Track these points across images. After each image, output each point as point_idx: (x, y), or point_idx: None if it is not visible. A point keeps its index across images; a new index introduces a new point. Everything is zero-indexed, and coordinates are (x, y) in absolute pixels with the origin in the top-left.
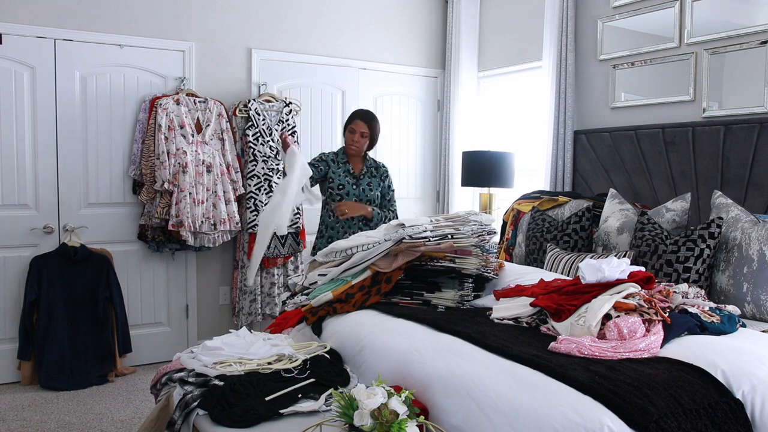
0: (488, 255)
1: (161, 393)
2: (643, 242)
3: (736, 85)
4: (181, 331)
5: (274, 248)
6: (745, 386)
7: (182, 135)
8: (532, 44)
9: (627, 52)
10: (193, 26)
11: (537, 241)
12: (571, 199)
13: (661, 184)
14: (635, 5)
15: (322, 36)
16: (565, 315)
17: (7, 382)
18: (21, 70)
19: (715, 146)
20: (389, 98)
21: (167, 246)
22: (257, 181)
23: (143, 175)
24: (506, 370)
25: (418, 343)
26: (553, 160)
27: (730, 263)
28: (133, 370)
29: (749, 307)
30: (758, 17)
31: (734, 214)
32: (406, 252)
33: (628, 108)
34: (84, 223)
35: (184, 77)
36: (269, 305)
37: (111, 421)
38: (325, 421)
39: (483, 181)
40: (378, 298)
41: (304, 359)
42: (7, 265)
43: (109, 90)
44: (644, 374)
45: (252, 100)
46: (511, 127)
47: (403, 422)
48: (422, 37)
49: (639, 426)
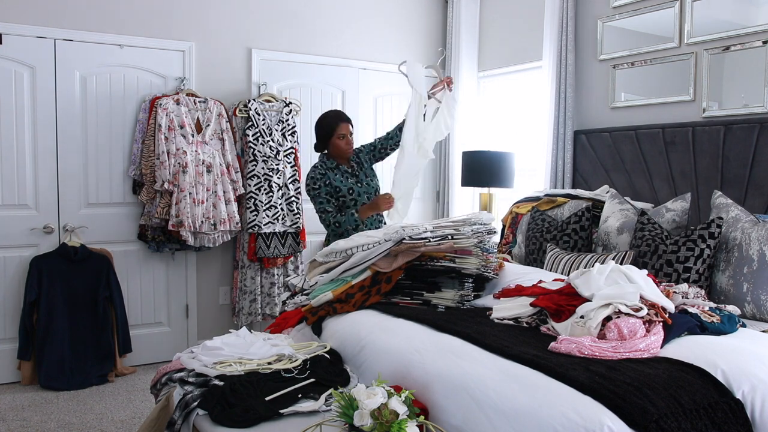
0: (488, 255)
1: (161, 393)
2: (643, 242)
3: (736, 85)
4: (181, 331)
5: (274, 248)
6: (745, 386)
7: (182, 135)
8: (532, 44)
9: (627, 52)
10: (193, 26)
11: (537, 242)
12: (569, 199)
13: (661, 184)
14: (635, 5)
15: (322, 36)
16: (565, 315)
17: (7, 382)
18: (21, 70)
19: (715, 146)
20: (389, 98)
21: (167, 246)
22: (257, 181)
23: (143, 175)
24: (506, 370)
25: (418, 343)
26: (553, 160)
27: (730, 263)
28: (133, 370)
29: (749, 307)
30: (758, 17)
31: (734, 214)
32: (406, 252)
33: (628, 108)
34: (84, 223)
35: (184, 77)
36: (269, 305)
37: (111, 421)
38: (325, 421)
39: (483, 181)
40: (378, 298)
41: (304, 359)
42: (7, 265)
43: (109, 90)
44: (644, 374)
45: (252, 100)
46: (511, 127)
47: (403, 422)
48: (422, 37)
49: (639, 426)
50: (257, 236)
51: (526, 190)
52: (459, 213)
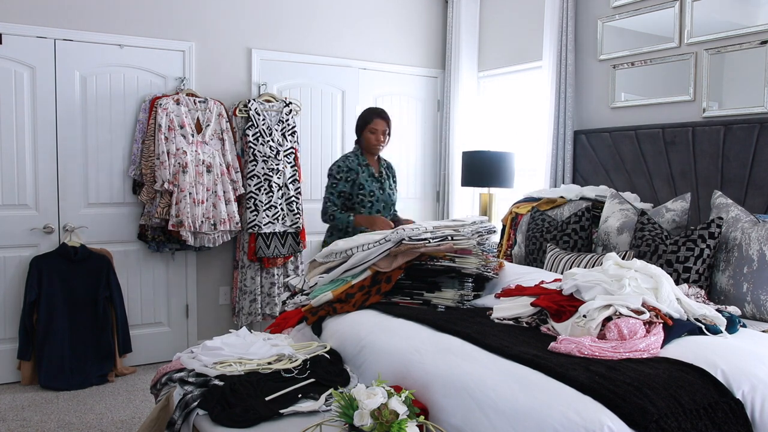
0: (488, 254)
1: (161, 393)
2: (643, 242)
3: (736, 85)
4: (181, 331)
5: (274, 248)
6: (745, 386)
7: (182, 135)
8: (532, 44)
9: (627, 52)
10: (193, 26)
11: (537, 242)
12: (569, 200)
13: (661, 184)
14: (635, 5)
15: (322, 36)
16: (565, 316)
17: (7, 382)
18: (21, 70)
19: (715, 146)
20: (389, 98)
21: (167, 246)
22: (257, 181)
23: (143, 175)
24: (506, 370)
25: (418, 343)
26: (553, 160)
27: (730, 263)
28: (133, 370)
29: (749, 307)
30: (758, 17)
31: (734, 214)
32: (405, 252)
33: (628, 108)
34: (84, 223)
35: (184, 77)
36: (269, 305)
37: (111, 421)
38: (325, 421)
39: (483, 181)
40: (378, 298)
41: (304, 359)
42: (7, 265)
43: (109, 90)
44: (644, 374)
45: (252, 100)
46: (511, 127)
47: (403, 422)
48: (422, 37)
49: (639, 426)
50: (257, 236)
51: (526, 191)
52: (459, 213)
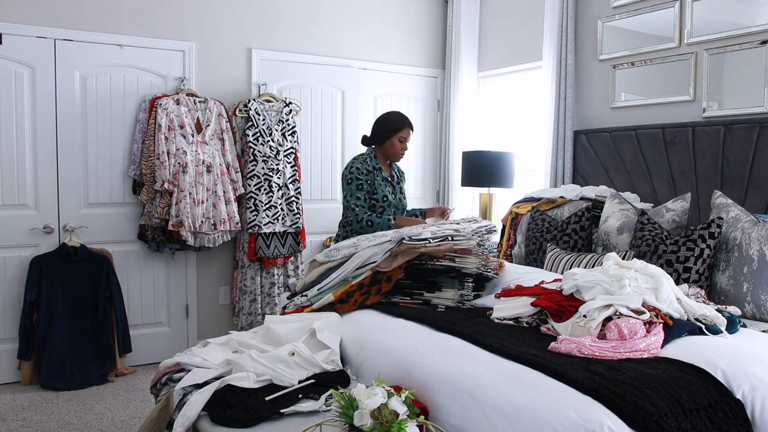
0: (488, 254)
1: (161, 393)
2: (643, 242)
3: (736, 85)
4: (181, 331)
5: (274, 248)
6: (745, 386)
7: (182, 135)
8: (532, 44)
9: (627, 52)
10: (193, 26)
11: (537, 242)
12: (569, 200)
13: (661, 184)
14: (635, 5)
15: (322, 36)
16: (565, 316)
17: (7, 382)
18: (21, 70)
19: (715, 146)
20: (389, 98)
21: (167, 246)
22: (257, 181)
23: (143, 175)
24: (506, 370)
25: (418, 343)
26: (553, 160)
27: (730, 263)
28: (133, 370)
29: (749, 307)
30: (758, 17)
31: (734, 214)
32: (405, 252)
33: (628, 108)
34: (84, 223)
35: (184, 77)
36: (269, 305)
37: (111, 421)
38: (325, 421)
39: (483, 181)
40: (378, 298)
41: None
42: (7, 265)
43: (109, 90)
44: (644, 374)
45: (252, 100)
46: (511, 127)
47: (403, 422)
48: (422, 37)
49: (639, 426)
50: (257, 236)
51: (526, 191)
52: (459, 213)
